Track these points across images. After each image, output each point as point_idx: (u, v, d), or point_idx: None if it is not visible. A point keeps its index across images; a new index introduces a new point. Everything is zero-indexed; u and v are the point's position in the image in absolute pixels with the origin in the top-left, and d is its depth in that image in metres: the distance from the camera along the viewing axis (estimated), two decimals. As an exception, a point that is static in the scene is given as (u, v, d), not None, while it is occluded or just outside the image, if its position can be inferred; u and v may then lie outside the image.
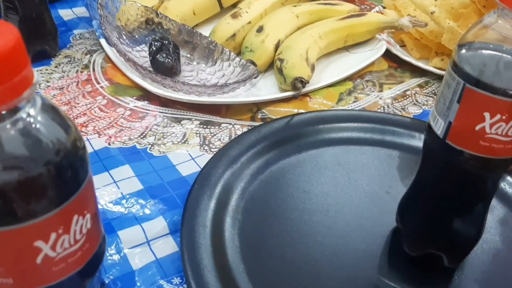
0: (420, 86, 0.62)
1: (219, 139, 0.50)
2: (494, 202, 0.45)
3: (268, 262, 0.38)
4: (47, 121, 0.21)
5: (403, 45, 0.69)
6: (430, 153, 0.36)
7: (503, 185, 0.46)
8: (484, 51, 0.31)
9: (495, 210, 0.44)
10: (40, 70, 0.59)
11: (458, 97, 0.31)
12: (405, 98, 0.60)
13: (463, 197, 0.36)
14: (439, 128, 0.33)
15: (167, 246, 0.39)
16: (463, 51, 0.31)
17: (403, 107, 0.58)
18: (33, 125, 0.21)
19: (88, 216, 0.23)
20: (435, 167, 0.36)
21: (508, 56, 0.30)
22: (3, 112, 0.19)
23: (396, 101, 0.59)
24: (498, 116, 0.30)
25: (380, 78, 0.63)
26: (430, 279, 0.39)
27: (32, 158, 0.21)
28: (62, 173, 0.21)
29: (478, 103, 0.30)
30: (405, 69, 0.65)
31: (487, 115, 0.30)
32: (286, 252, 0.39)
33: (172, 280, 0.37)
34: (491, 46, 0.31)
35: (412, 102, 0.59)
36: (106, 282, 0.36)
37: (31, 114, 0.20)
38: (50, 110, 0.22)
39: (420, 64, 0.63)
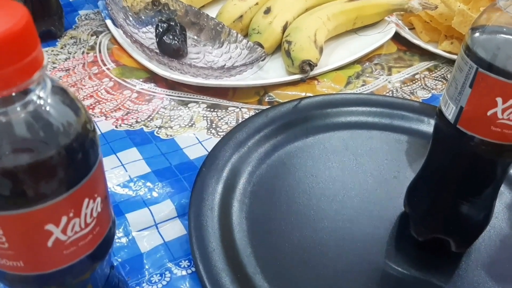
0: (429, 69, 0.61)
1: (226, 123, 0.50)
2: (503, 188, 0.45)
3: (275, 245, 0.38)
4: (57, 104, 0.21)
5: (412, 28, 0.68)
6: (441, 138, 0.36)
7: (512, 170, 0.46)
8: (497, 35, 0.31)
9: (503, 196, 0.44)
10: (46, 51, 0.59)
11: (470, 82, 0.31)
12: (414, 82, 0.59)
13: (473, 182, 0.36)
14: (450, 113, 0.33)
15: (175, 229, 0.40)
16: (476, 34, 0.31)
17: (412, 91, 0.57)
18: (44, 108, 0.20)
19: (98, 199, 0.23)
20: (445, 152, 0.36)
21: None
22: (14, 94, 0.19)
23: (405, 85, 0.58)
24: (510, 101, 0.29)
25: (389, 61, 0.62)
26: (437, 263, 0.39)
27: (42, 141, 0.20)
28: (73, 157, 0.21)
29: (490, 88, 0.30)
30: (414, 52, 0.64)
31: (499, 100, 0.30)
32: (293, 235, 0.39)
33: (180, 263, 0.37)
34: (505, 29, 0.30)
35: (421, 86, 0.58)
36: (115, 264, 0.36)
37: (42, 96, 0.20)
38: (60, 92, 0.22)
39: (429, 47, 0.62)
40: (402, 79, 0.59)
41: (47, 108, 0.20)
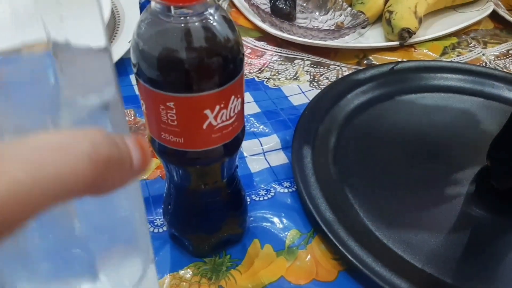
0: (525, 47, 0.63)
1: (327, 78, 0.56)
2: None
3: (364, 176, 0.44)
4: (221, 23, 0.28)
5: (510, 9, 0.70)
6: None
7: None
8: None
9: None
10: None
11: None
12: (507, 56, 0.61)
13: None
14: None
15: (279, 158, 0.47)
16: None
17: (504, 65, 0.60)
18: (213, 23, 0.28)
19: (239, 100, 0.30)
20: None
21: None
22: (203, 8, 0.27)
23: (498, 58, 0.61)
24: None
25: (485, 36, 0.65)
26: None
27: (209, 48, 0.28)
28: (228, 63, 0.28)
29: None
30: (510, 31, 0.66)
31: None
32: (383, 171, 0.45)
33: (283, 183, 0.44)
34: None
35: (515, 61, 0.61)
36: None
37: (212, 14, 0.28)
38: (223, 15, 0.29)
39: (528, 26, 0.64)
40: (496, 53, 0.62)
41: (214, 24, 0.28)
